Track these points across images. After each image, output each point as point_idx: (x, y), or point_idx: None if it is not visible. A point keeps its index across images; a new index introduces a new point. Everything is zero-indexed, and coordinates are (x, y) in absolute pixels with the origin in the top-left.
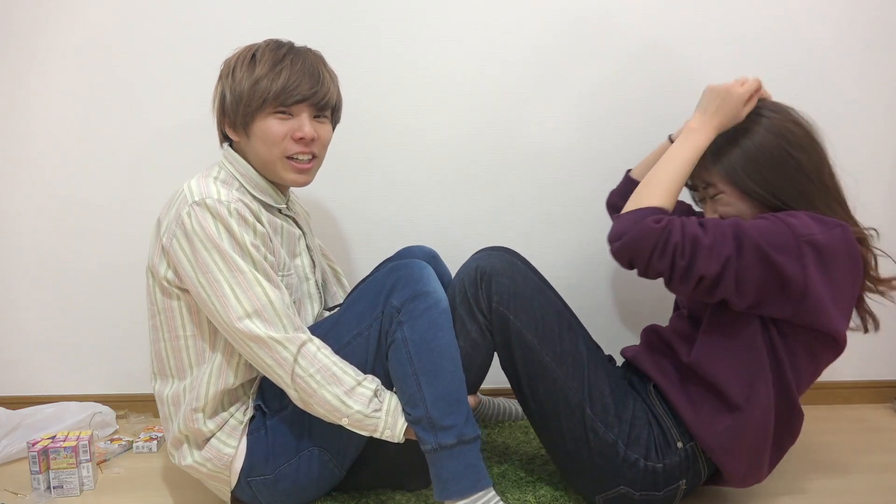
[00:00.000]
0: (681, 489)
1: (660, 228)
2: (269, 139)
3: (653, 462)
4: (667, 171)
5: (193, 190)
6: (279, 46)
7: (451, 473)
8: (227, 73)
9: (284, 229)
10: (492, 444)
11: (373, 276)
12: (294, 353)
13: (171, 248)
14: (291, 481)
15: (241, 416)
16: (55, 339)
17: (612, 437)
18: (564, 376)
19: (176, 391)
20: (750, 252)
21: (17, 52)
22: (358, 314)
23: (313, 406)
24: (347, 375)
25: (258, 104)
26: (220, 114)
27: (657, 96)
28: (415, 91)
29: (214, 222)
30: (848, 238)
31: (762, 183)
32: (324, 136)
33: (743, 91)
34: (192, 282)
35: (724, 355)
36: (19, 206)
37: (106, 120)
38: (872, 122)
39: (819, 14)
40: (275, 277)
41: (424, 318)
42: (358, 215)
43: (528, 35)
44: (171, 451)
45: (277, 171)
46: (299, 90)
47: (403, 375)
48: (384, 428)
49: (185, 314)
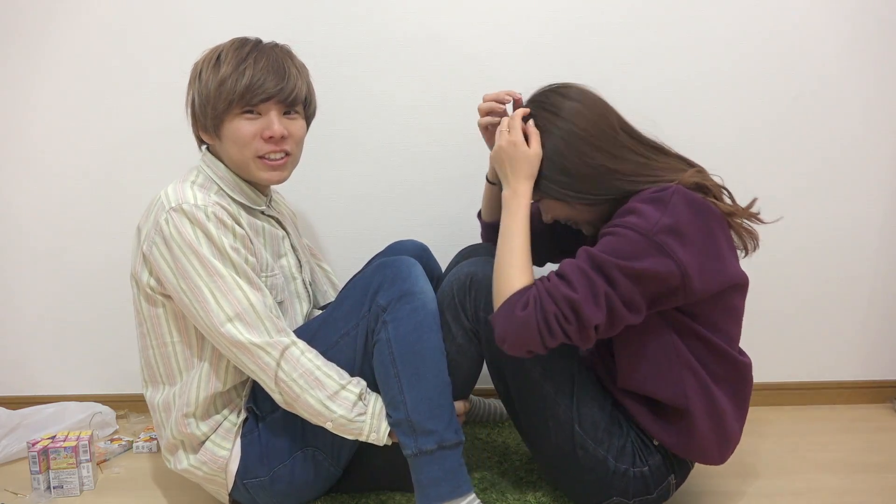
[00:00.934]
0: (672, 484)
1: (531, 313)
2: (240, 140)
3: (639, 467)
4: (511, 249)
5: (170, 196)
6: (243, 45)
7: (431, 479)
8: (195, 77)
9: (266, 230)
10: (492, 445)
11: (361, 273)
12: (277, 358)
13: (151, 255)
14: (287, 482)
15: (235, 418)
16: (55, 339)
17: (602, 452)
18: (554, 392)
19: (166, 397)
20: (618, 276)
21: (17, 52)
22: (345, 313)
23: (298, 410)
24: (331, 379)
25: (225, 105)
26: (192, 118)
27: (657, 96)
28: (416, 91)
29: (192, 227)
30: (689, 198)
31: (568, 187)
32: (296, 132)
33: (512, 137)
34: (174, 288)
35: (646, 370)
36: (19, 207)
37: (106, 120)
38: (872, 122)
39: (819, 13)
40: (256, 280)
41: (410, 320)
42: (356, 216)
43: (527, 35)
44: (167, 457)
45: (251, 171)
46: (264, 88)
47: (386, 377)
48: (369, 431)
49: (170, 321)
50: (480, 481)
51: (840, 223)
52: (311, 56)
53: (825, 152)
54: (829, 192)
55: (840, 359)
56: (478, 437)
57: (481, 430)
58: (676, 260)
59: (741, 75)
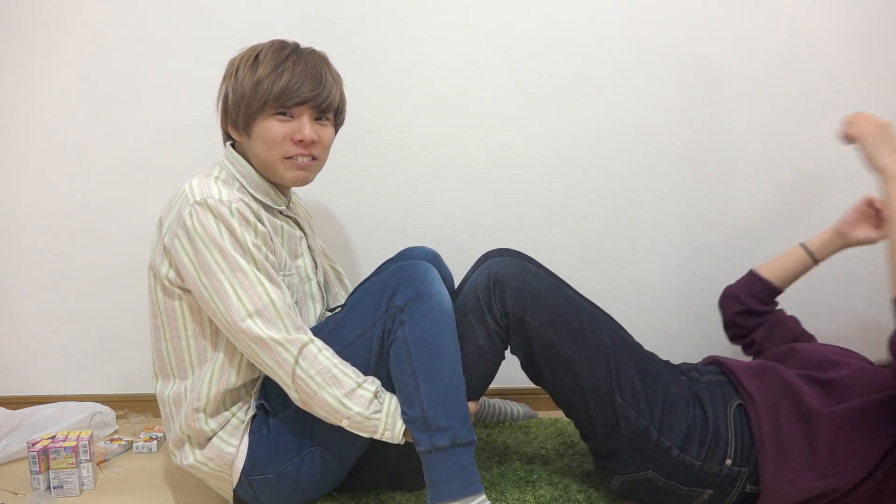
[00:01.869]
0: (705, 496)
1: None
2: (269, 140)
3: (690, 456)
4: None
5: (195, 190)
6: (283, 47)
7: (443, 476)
8: (230, 73)
9: (285, 230)
10: (492, 444)
11: (377, 276)
12: (295, 355)
13: (172, 248)
14: (293, 481)
15: (243, 415)
16: (55, 339)
17: (644, 423)
18: (590, 368)
19: (177, 391)
20: None
21: (17, 52)
22: (361, 314)
23: (314, 407)
24: (348, 377)
25: (259, 105)
26: (223, 113)
27: (661, 99)
28: (415, 91)
29: (216, 222)
30: None
31: None
32: (325, 138)
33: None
34: (195, 281)
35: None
36: (19, 207)
37: (106, 120)
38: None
39: (823, 15)
40: (276, 277)
41: (426, 319)
42: (360, 216)
43: (527, 35)
44: (173, 451)
45: (278, 171)
46: (300, 92)
47: (402, 374)
48: (384, 429)
49: (186, 314)
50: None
51: None
52: None
53: (826, 153)
54: (828, 193)
55: None
56: (479, 437)
57: (482, 431)
58: None
59: (741, 75)
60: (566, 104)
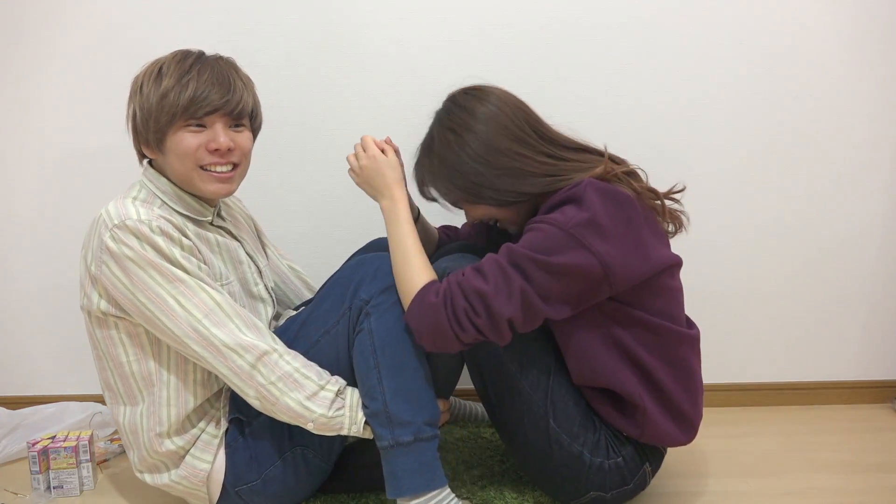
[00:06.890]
0: (648, 472)
1: (440, 302)
2: (182, 153)
3: (613, 459)
4: (403, 254)
5: (112, 214)
6: (186, 57)
7: (405, 470)
8: (135, 91)
9: (219, 241)
10: (493, 444)
11: (340, 270)
12: (251, 362)
13: (101, 275)
14: (280, 483)
15: (214, 429)
16: (55, 339)
17: (577, 448)
18: (529, 387)
19: (131, 419)
20: (534, 270)
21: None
22: (325, 312)
23: (277, 413)
24: (310, 381)
25: (168, 119)
26: (133, 132)
27: (656, 96)
28: (415, 91)
29: (139, 242)
30: (601, 190)
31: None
32: (243, 144)
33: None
34: (132, 303)
35: (592, 364)
36: (19, 206)
37: (106, 120)
38: (871, 121)
39: (819, 14)
40: (214, 284)
41: (393, 312)
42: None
43: (527, 35)
44: (142, 474)
45: (196, 184)
46: (209, 100)
47: (365, 367)
48: (350, 424)
49: (125, 340)
50: (480, 479)
51: (840, 224)
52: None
53: (826, 154)
54: (829, 194)
55: (840, 359)
56: (482, 435)
57: (484, 430)
58: (595, 253)
59: (741, 77)
60: (567, 105)
